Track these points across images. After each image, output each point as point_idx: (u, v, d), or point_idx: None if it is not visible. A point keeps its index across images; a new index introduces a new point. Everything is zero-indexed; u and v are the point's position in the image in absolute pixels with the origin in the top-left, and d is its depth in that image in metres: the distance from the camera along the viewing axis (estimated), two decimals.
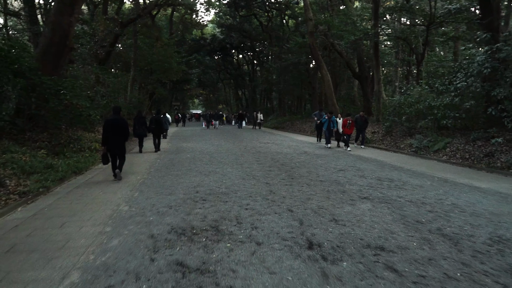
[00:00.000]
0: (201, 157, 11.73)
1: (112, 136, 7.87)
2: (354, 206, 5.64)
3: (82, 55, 18.27)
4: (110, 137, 7.84)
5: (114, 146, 7.97)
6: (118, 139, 7.98)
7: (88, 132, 13.83)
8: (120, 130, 7.97)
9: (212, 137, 20.88)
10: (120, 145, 8.10)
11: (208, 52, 49.97)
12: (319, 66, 22.72)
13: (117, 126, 7.91)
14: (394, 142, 14.78)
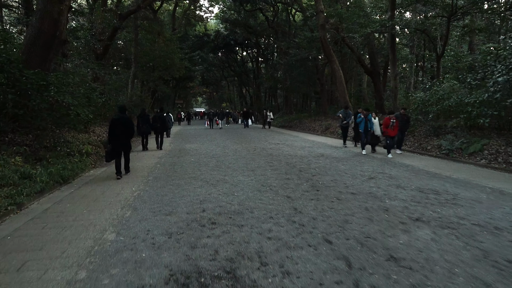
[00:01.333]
0: (207, 161, 10.43)
1: (118, 134, 8.08)
2: (410, 234, 4.31)
3: (78, 49, 16.98)
4: (116, 136, 8.06)
5: (120, 144, 8.19)
6: (123, 137, 8.21)
7: (82, 133, 12.56)
8: (126, 128, 8.19)
9: (217, 137, 19.57)
10: (125, 143, 8.34)
11: (211, 49, 48.55)
12: (330, 61, 21.34)
13: (123, 124, 8.12)
14: (418, 143, 13.39)
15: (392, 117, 11.42)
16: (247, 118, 31.11)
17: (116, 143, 8.10)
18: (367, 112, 12.61)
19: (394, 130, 11.42)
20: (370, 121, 12.30)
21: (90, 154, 10.25)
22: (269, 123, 29.29)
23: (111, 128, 8.04)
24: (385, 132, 11.54)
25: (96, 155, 10.82)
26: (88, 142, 11.28)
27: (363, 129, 12.36)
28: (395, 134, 11.54)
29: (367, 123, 12.28)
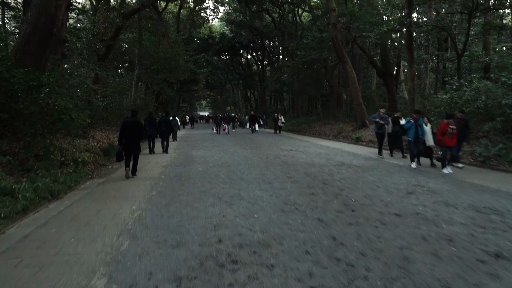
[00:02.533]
0: (217, 171, 9.36)
1: (128, 137, 8.51)
2: (502, 281, 3.20)
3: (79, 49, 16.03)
4: (126, 138, 8.47)
5: (130, 146, 8.58)
6: (133, 139, 8.62)
7: (80, 139, 11.53)
8: (136, 132, 8.63)
9: (225, 143, 18.49)
10: (135, 145, 8.74)
11: (216, 51, 47.60)
12: (342, 62, 20.28)
13: (134, 127, 8.58)
14: None
15: (451, 123, 9.17)
16: (255, 122, 29.11)
17: (126, 145, 8.50)
18: (417, 116, 10.22)
19: (452, 139, 9.16)
20: (422, 127, 10.08)
21: (87, 163, 9.22)
22: (280, 128, 27.51)
23: (122, 130, 8.49)
24: (440, 141, 9.36)
25: (94, 163, 9.80)
26: (86, 149, 10.26)
27: (412, 137, 10.00)
28: (454, 143, 9.25)
29: (418, 130, 10.01)
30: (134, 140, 8.63)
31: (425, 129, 10.16)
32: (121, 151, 8.47)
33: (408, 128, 10.25)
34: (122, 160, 8.56)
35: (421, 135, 10.00)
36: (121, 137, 8.50)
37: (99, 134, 14.41)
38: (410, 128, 10.12)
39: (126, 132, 8.46)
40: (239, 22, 40.84)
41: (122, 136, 8.47)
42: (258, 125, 30.40)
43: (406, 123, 10.47)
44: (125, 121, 8.68)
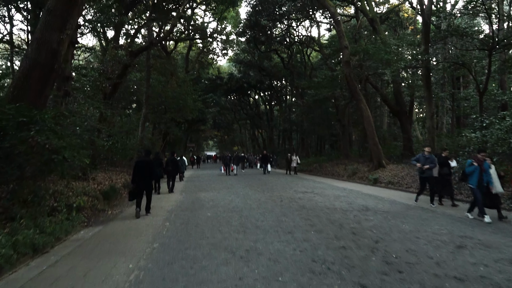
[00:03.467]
0: (228, 218, 8.32)
1: (141, 176, 8.67)
2: None
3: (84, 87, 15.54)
4: (139, 177, 8.63)
5: (142, 185, 8.74)
6: (146, 178, 8.78)
7: (79, 181, 10.65)
8: (149, 171, 8.82)
9: (234, 184, 17.47)
10: (147, 184, 8.94)
11: (224, 91, 47.72)
12: (357, 100, 19.60)
13: (147, 167, 8.79)
14: None
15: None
16: (267, 162, 26.52)
17: (139, 183, 8.69)
18: (483, 157, 8.11)
19: None
20: (487, 172, 7.94)
21: (84, 209, 8.27)
22: (295, 169, 25.20)
23: (135, 170, 8.72)
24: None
25: (91, 209, 8.83)
26: (84, 193, 9.33)
27: (475, 183, 7.96)
28: None
29: (482, 175, 7.92)
30: (146, 179, 8.84)
31: (490, 172, 8.00)
32: (133, 190, 8.69)
33: (470, 172, 8.13)
34: (134, 199, 8.73)
35: (487, 182, 7.89)
36: (134, 176, 8.70)
37: (101, 176, 13.54)
38: (473, 173, 8.05)
39: (139, 171, 8.70)
40: (248, 62, 41.03)
41: (135, 175, 8.68)
42: (270, 165, 28.21)
43: (468, 166, 8.19)
44: (138, 161, 9.03)
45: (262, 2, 29.83)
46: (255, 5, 30.35)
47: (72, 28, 10.14)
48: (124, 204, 10.68)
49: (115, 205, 10.24)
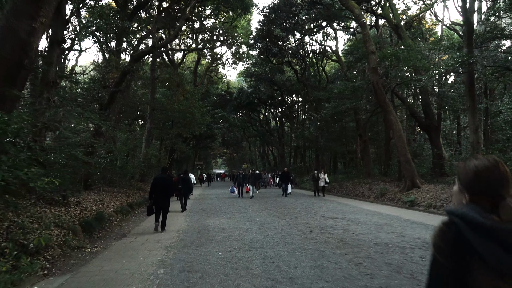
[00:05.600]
0: (246, 260, 6.02)
1: (158, 193, 9.12)
2: None
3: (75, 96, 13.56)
4: (156, 193, 9.11)
5: (159, 201, 9.11)
6: (163, 195, 9.20)
7: (56, 207, 8.46)
8: (166, 187, 9.26)
9: (247, 207, 15.13)
10: (164, 200, 9.23)
11: (234, 107, 45.78)
12: (386, 111, 17.33)
13: (163, 183, 9.24)
14: None
15: None
16: (287, 181, 21.78)
17: (156, 200, 9.06)
18: None
19: None
20: None
21: (49, 248, 6.04)
22: (323, 189, 21.33)
23: (152, 186, 9.18)
24: None
25: (62, 246, 6.58)
26: (56, 224, 7.12)
27: None
28: None
29: None
30: (163, 196, 9.20)
31: None
32: (151, 206, 9.07)
33: None
34: (153, 214, 9.13)
35: None
36: (151, 192, 9.20)
37: (90, 199, 11.36)
38: None
39: (156, 188, 9.11)
40: (259, 74, 39.11)
41: (152, 192, 9.15)
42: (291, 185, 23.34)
43: None
44: (156, 177, 9.51)
45: (275, 11, 28.06)
46: (268, 13, 28.60)
47: (48, 16, 8.14)
48: (112, 236, 8.45)
49: (99, 239, 8.01)
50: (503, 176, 1.27)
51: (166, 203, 9.24)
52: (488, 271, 1.17)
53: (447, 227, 1.30)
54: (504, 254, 1.14)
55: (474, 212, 1.23)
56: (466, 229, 1.23)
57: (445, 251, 1.27)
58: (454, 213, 1.30)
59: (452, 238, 1.26)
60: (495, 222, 1.18)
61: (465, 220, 1.23)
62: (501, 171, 1.28)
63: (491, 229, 1.17)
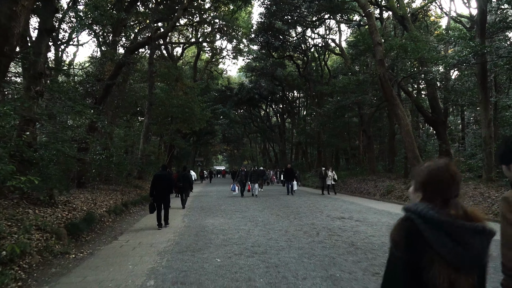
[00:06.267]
0: (248, 268, 5.34)
1: (159, 189, 9.25)
2: None
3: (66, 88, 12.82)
4: (157, 190, 9.23)
5: (160, 198, 9.21)
6: (163, 191, 9.33)
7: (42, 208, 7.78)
8: (166, 184, 9.44)
9: (248, 205, 14.43)
10: (165, 197, 9.35)
11: (234, 103, 45.01)
12: (392, 105, 16.58)
13: (164, 180, 9.40)
14: None
15: None
16: (292, 179, 19.97)
17: (156, 197, 9.15)
18: None
19: None
20: None
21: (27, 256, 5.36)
22: (333, 187, 20.04)
23: (153, 183, 9.34)
24: None
25: (42, 252, 5.90)
26: (38, 227, 6.44)
27: None
28: None
29: None
30: (164, 192, 9.32)
31: None
32: (152, 203, 9.13)
33: None
34: (154, 211, 9.13)
35: None
36: (152, 189, 9.30)
37: (83, 197, 10.69)
38: None
39: (156, 185, 9.25)
40: (260, 69, 38.31)
41: (153, 189, 9.26)
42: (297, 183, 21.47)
43: None
44: (156, 175, 9.64)
45: (277, 3, 27.22)
46: (270, 5, 27.77)
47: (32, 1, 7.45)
48: (102, 239, 7.76)
49: (87, 242, 7.33)
50: (453, 177, 1.39)
51: (166, 200, 9.36)
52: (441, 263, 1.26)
53: (404, 223, 1.41)
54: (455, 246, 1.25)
55: (429, 209, 1.34)
56: (421, 224, 1.33)
57: (402, 245, 1.36)
58: (410, 209, 1.41)
59: (409, 232, 1.36)
60: (448, 217, 1.30)
61: (420, 216, 1.33)
62: (451, 172, 1.40)
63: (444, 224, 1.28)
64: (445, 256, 1.26)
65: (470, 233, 1.28)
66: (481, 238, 1.29)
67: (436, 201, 1.37)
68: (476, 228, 1.29)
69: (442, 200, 1.37)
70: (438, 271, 1.26)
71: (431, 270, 1.28)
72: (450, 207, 1.34)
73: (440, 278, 1.26)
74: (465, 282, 1.26)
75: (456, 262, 1.26)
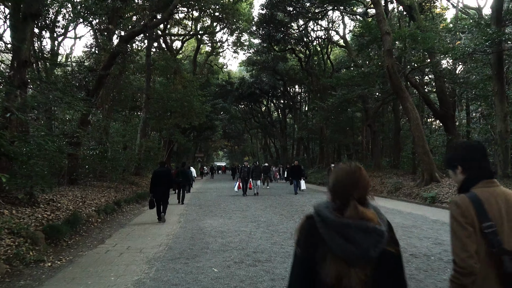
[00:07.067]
0: (249, 281, 4.52)
1: (158, 185, 9.42)
2: None
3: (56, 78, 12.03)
4: (156, 186, 9.42)
5: (159, 193, 9.35)
6: (163, 187, 9.46)
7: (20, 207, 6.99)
8: (165, 180, 9.59)
9: (250, 204, 13.57)
10: (164, 192, 9.48)
11: (235, 98, 44.14)
12: (401, 98, 15.73)
13: (162, 176, 9.61)
14: None
15: None
16: (299, 176, 18.07)
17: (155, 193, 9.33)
18: None
19: None
20: None
21: None
22: None
23: (152, 179, 9.68)
24: None
25: (14, 260, 5.11)
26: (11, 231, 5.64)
27: None
28: None
29: None
30: (163, 188, 9.43)
31: None
32: (152, 200, 9.26)
33: None
34: (154, 207, 9.28)
35: None
36: (152, 185, 9.51)
37: (72, 195, 9.91)
38: None
39: (156, 181, 9.45)
40: (262, 62, 37.40)
41: (153, 185, 9.46)
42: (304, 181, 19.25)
43: None
44: (155, 171, 9.91)
45: None
46: None
47: None
48: (86, 243, 6.95)
49: (68, 247, 6.53)
50: (357, 180, 1.47)
51: (165, 196, 9.52)
52: (333, 258, 1.35)
53: (306, 221, 1.50)
54: (345, 243, 1.33)
55: (325, 208, 1.45)
56: (318, 222, 1.43)
57: (302, 242, 1.47)
58: (314, 208, 1.51)
59: (308, 229, 1.46)
60: (337, 217, 1.39)
61: (318, 214, 1.44)
62: (356, 176, 1.48)
63: (334, 222, 1.38)
64: (336, 251, 1.34)
65: (357, 231, 1.34)
66: (368, 236, 1.34)
67: (338, 202, 1.44)
68: (363, 227, 1.35)
69: (343, 201, 1.43)
70: (330, 265, 1.34)
71: (324, 264, 1.35)
72: (349, 208, 1.39)
73: (332, 272, 1.34)
74: (355, 276, 1.33)
75: (345, 257, 1.33)
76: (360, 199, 1.43)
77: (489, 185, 1.80)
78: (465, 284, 1.66)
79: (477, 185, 1.80)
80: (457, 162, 1.89)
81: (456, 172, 1.90)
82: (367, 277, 1.33)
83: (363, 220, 1.36)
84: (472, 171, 1.86)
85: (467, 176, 1.86)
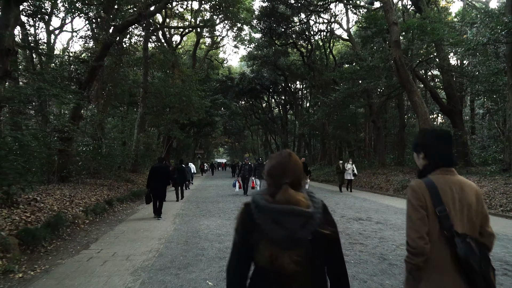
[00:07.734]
0: None
1: (155, 181, 9.49)
2: None
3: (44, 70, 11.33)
4: (153, 182, 9.47)
5: (156, 190, 9.46)
6: (159, 184, 9.57)
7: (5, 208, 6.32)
8: (162, 176, 9.67)
9: None
10: (161, 189, 9.59)
11: (235, 94, 43.37)
12: (409, 92, 15.01)
13: (160, 172, 9.63)
14: None
15: None
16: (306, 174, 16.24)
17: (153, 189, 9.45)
18: None
19: None
20: None
21: None
22: (350, 182, 17.24)
23: (149, 175, 9.65)
24: None
25: None
26: None
27: None
28: None
29: None
30: (160, 185, 9.56)
31: None
32: (149, 195, 9.45)
33: None
34: (150, 202, 9.48)
35: None
36: (149, 181, 9.56)
37: (59, 194, 9.23)
38: None
39: (153, 177, 9.52)
40: (263, 56, 36.66)
41: (150, 181, 9.51)
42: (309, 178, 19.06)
43: None
44: (153, 167, 9.90)
45: None
46: None
47: None
48: (68, 248, 6.25)
49: (47, 254, 5.83)
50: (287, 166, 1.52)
51: (162, 192, 9.61)
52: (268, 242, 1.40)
53: (244, 208, 1.55)
54: (276, 227, 1.38)
55: (259, 195, 1.52)
56: (253, 208, 1.48)
57: (239, 228, 1.53)
58: (251, 195, 1.59)
59: (245, 215, 1.51)
60: (267, 202, 1.44)
61: (253, 201, 1.50)
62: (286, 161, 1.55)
63: (264, 207, 1.43)
64: (267, 234, 1.39)
65: (284, 215, 1.39)
66: (295, 218, 1.39)
67: (272, 187, 1.50)
68: (290, 210, 1.39)
69: (276, 186, 1.48)
70: (263, 249, 1.41)
71: (258, 248, 1.42)
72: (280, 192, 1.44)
73: (265, 254, 1.40)
74: (287, 257, 1.38)
75: (277, 240, 1.38)
76: (292, 184, 1.47)
77: (447, 173, 1.85)
78: (417, 263, 1.72)
79: (435, 171, 1.86)
80: (420, 148, 1.96)
81: (419, 157, 1.97)
82: (300, 258, 1.39)
83: (290, 204, 1.40)
84: (433, 158, 1.92)
85: (428, 162, 1.92)
